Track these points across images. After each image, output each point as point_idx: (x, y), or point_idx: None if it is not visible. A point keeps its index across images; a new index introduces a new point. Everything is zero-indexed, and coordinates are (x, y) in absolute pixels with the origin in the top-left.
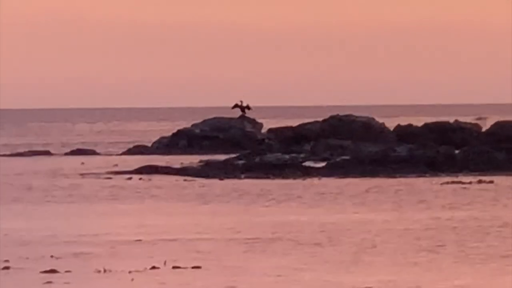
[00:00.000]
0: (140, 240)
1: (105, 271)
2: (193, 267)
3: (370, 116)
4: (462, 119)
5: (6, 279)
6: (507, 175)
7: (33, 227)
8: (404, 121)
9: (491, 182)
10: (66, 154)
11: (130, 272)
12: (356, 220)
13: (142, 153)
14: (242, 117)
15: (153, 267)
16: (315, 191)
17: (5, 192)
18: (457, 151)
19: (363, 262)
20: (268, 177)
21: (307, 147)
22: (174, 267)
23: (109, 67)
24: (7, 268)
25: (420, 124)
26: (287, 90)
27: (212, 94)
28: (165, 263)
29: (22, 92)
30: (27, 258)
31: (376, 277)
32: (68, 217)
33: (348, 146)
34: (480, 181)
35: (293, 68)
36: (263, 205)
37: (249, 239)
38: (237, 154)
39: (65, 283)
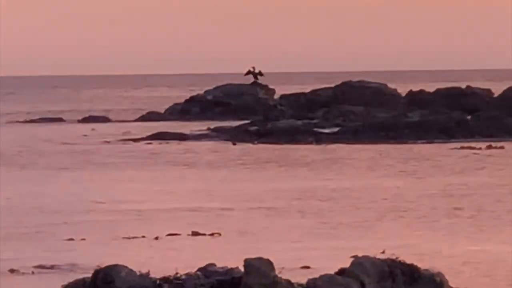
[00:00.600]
0: (157, 208)
1: (124, 237)
2: (212, 234)
3: (382, 82)
4: (474, 84)
5: (28, 244)
6: None
7: (49, 194)
8: (416, 87)
9: (502, 147)
10: (79, 121)
11: (149, 238)
12: (369, 186)
13: (155, 119)
14: (255, 83)
15: (172, 234)
16: (327, 157)
17: (19, 158)
18: (469, 117)
19: (380, 227)
20: (280, 143)
21: (320, 113)
22: (193, 234)
23: (123, 34)
24: (26, 234)
25: (432, 89)
26: (300, 56)
27: (225, 61)
28: (191, 232)
29: (34, 59)
30: (46, 225)
31: (393, 242)
32: (83, 184)
33: (360, 112)
34: (490, 147)
35: (306, 34)
36: (276, 171)
37: (266, 206)
38: (250, 120)
39: (85, 249)
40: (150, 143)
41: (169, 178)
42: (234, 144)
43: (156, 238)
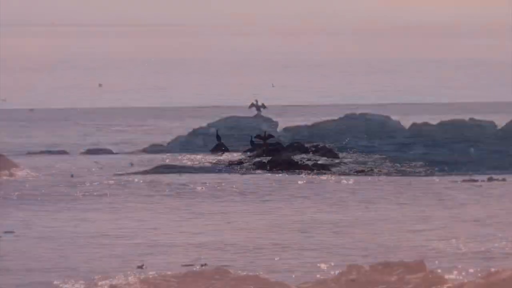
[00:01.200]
0: (166, 240)
1: (138, 267)
2: (222, 265)
3: (385, 114)
4: (477, 116)
5: (39, 276)
6: None
7: (57, 227)
8: (419, 119)
9: (504, 180)
10: (82, 153)
11: (159, 270)
12: (373, 218)
13: (158, 152)
14: (258, 116)
15: (184, 265)
16: (330, 189)
17: (24, 192)
18: (472, 149)
19: (389, 257)
20: (284, 174)
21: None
22: (202, 265)
23: (124, 69)
24: (37, 265)
25: (435, 122)
26: (302, 88)
27: (228, 93)
28: (202, 264)
29: (35, 92)
30: (57, 257)
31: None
32: (88, 216)
33: (363, 144)
34: (491, 179)
35: (308, 67)
36: (279, 203)
37: (271, 239)
38: (253, 153)
39: (107, 282)
40: (153, 175)
41: (175, 210)
42: (240, 174)
43: (167, 270)
